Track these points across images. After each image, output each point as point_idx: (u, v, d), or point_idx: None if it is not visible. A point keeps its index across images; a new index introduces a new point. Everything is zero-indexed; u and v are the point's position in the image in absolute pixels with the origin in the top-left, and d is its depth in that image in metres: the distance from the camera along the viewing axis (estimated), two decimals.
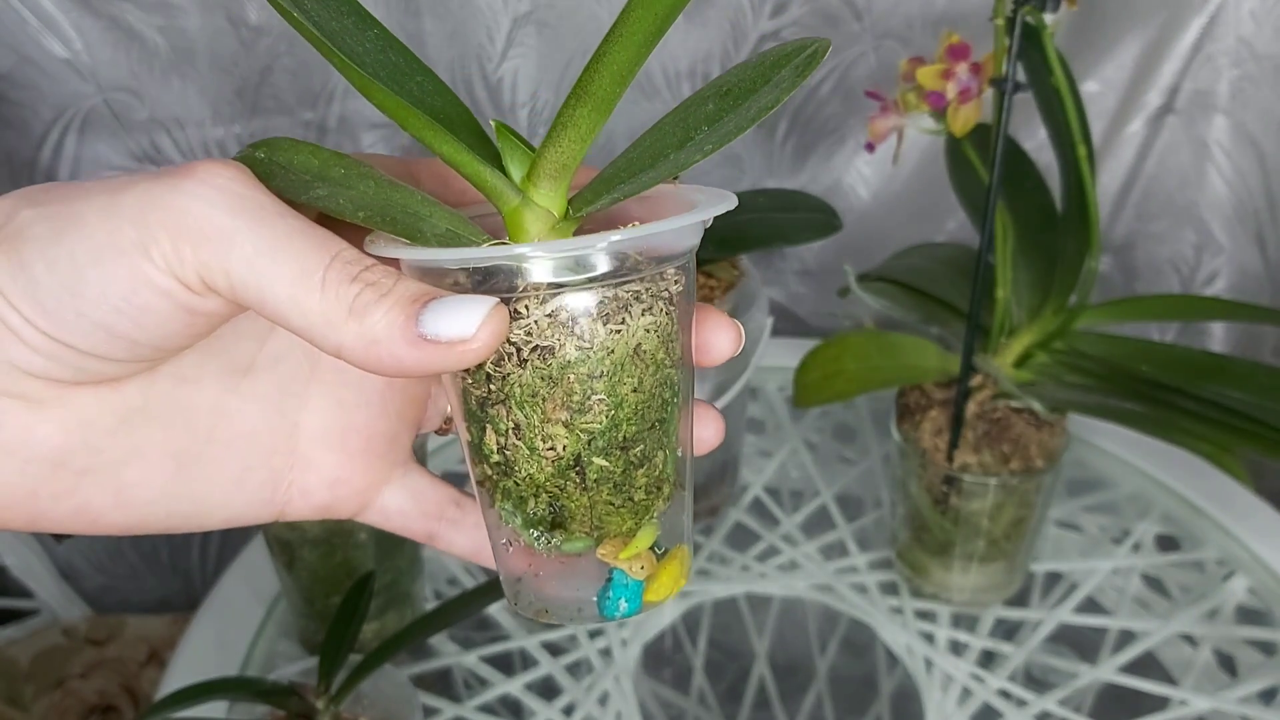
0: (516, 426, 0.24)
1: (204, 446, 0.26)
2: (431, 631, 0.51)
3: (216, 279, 0.21)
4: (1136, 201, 0.86)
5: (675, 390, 0.25)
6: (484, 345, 0.22)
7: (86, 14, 0.76)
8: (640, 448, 0.25)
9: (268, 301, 0.22)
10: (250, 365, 0.26)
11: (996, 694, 0.57)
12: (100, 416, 0.24)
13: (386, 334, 0.21)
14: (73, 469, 0.24)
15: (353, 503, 0.28)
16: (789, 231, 0.60)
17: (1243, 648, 0.60)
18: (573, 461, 0.24)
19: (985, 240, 0.54)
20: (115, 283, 0.21)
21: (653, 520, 0.26)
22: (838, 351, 0.62)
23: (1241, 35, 0.76)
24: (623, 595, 0.26)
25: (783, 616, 0.69)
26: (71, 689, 0.83)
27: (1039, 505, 0.59)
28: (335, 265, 0.22)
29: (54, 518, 0.24)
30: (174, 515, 0.26)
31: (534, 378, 0.24)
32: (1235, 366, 0.57)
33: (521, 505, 0.25)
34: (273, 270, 0.21)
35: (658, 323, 0.24)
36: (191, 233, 0.21)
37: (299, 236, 0.22)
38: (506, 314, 0.22)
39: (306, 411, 0.27)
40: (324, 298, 0.22)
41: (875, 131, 0.55)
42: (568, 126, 0.23)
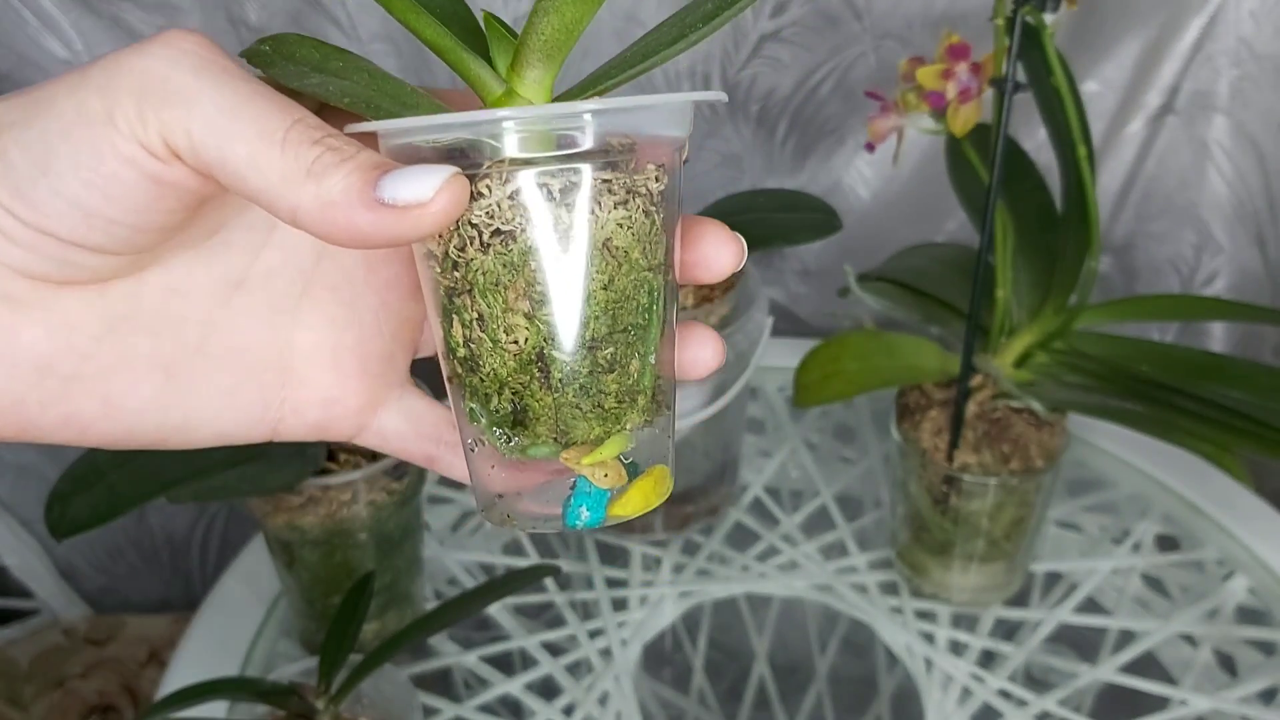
0: (480, 317, 0.24)
1: (193, 358, 0.26)
2: (431, 631, 0.51)
3: (178, 139, 0.21)
4: (1136, 201, 0.86)
5: (654, 297, 0.24)
6: (440, 211, 0.21)
7: (87, 14, 0.76)
8: (610, 350, 0.24)
9: (228, 161, 0.21)
10: (242, 280, 0.26)
11: (996, 694, 0.57)
12: (86, 322, 0.24)
13: (344, 196, 0.21)
14: (59, 375, 0.24)
15: (347, 423, 0.28)
16: (789, 231, 0.60)
17: (1243, 648, 0.60)
18: (535, 355, 0.24)
19: (985, 240, 0.54)
20: (83, 153, 0.21)
21: (624, 431, 0.25)
22: (838, 351, 0.62)
23: (1241, 35, 0.76)
24: (584, 503, 0.25)
25: (783, 616, 0.69)
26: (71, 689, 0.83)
27: (1039, 505, 0.59)
28: (297, 128, 0.21)
29: (43, 425, 0.24)
30: (163, 427, 0.26)
31: (496, 264, 0.23)
32: (1235, 366, 0.57)
33: (486, 403, 0.25)
34: (233, 129, 0.21)
35: (632, 219, 0.24)
36: (154, 93, 0.21)
37: (261, 99, 0.22)
38: (466, 184, 0.22)
39: (299, 329, 0.27)
40: (284, 157, 0.21)
41: (875, 131, 0.55)
42: (550, 12, 0.22)
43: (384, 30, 0.81)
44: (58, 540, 0.47)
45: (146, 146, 0.21)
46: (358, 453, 0.55)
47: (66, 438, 0.25)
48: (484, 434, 0.25)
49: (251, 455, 0.51)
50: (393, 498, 0.54)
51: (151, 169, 0.22)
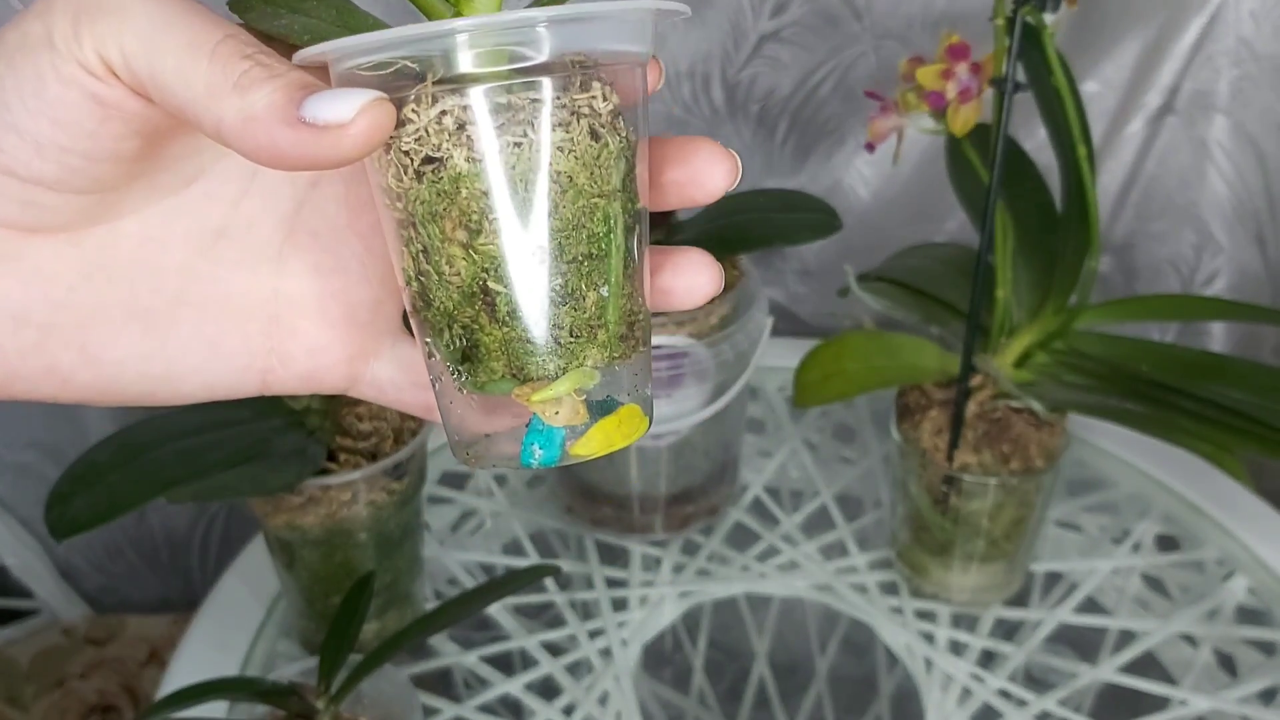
0: (424, 250, 0.23)
1: (174, 308, 0.25)
2: (431, 631, 0.51)
3: (112, 55, 0.21)
4: (1136, 201, 0.86)
5: (610, 224, 0.23)
6: (361, 134, 0.21)
7: None
8: (559, 281, 0.23)
9: (156, 73, 0.21)
10: (222, 229, 0.26)
11: (996, 694, 0.57)
12: (60, 271, 0.24)
13: (266, 112, 0.21)
14: (35, 324, 0.24)
15: (338, 373, 0.28)
16: (789, 231, 0.60)
17: (1242, 648, 0.60)
18: (479, 288, 0.23)
19: (985, 240, 0.54)
20: (26, 80, 0.21)
21: (583, 367, 0.24)
22: (838, 351, 0.62)
23: (1241, 35, 0.76)
24: (536, 441, 0.24)
25: (783, 616, 0.69)
26: (71, 689, 0.83)
27: (1039, 505, 0.59)
28: (228, 42, 0.21)
29: (25, 376, 0.24)
30: (146, 377, 0.25)
31: (429, 192, 0.22)
32: (1235, 366, 0.57)
33: (439, 337, 0.24)
34: (164, 41, 0.21)
35: (574, 141, 0.22)
36: (89, 8, 0.21)
37: (196, 15, 0.21)
38: (389, 107, 0.21)
39: (283, 277, 0.27)
40: (210, 68, 0.21)
41: (875, 131, 0.55)
42: None
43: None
44: (58, 540, 0.47)
45: (83, 64, 0.21)
46: (358, 453, 0.55)
47: (50, 389, 0.25)
48: (443, 370, 0.25)
49: (251, 455, 0.51)
50: (393, 498, 0.55)
51: (91, 87, 0.21)
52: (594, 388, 0.24)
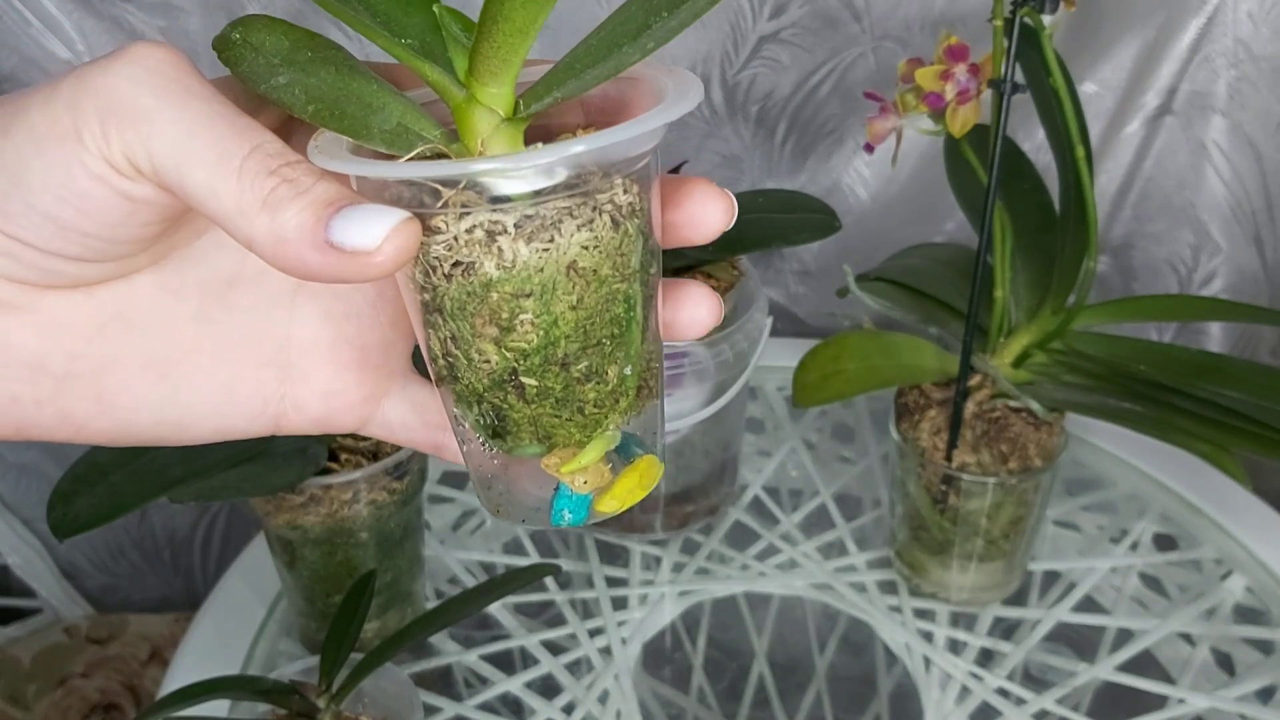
0: (453, 336, 0.24)
1: (188, 356, 0.26)
2: (432, 630, 0.51)
3: (140, 160, 0.21)
4: (1134, 202, 0.86)
5: (630, 305, 0.24)
6: (388, 260, 0.21)
7: (89, 15, 0.77)
8: (585, 364, 0.24)
9: (186, 184, 0.21)
10: (235, 277, 0.26)
11: (995, 692, 0.57)
12: (76, 322, 0.24)
13: (295, 234, 0.21)
14: (51, 374, 0.24)
15: (351, 415, 0.28)
16: (788, 232, 0.60)
17: (1240, 646, 0.60)
18: (508, 376, 0.24)
19: (984, 241, 0.54)
20: (54, 169, 0.21)
21: (605, 433, 0.25)
22: (837, 351, 0.63)
23: (1239, 36, 0.76)
24: (566, 506, 0.25)
25: (782, 615, 0.70)
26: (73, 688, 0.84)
27: (1037, 504, 0.59)
28: (255, 155, 0.21)
29: (40, 423, 0.24)
30: (161, 424, 0.26)
31: (460, 292, 0.23)
32: (1233, 366, 0.57)
33: (469, 410, 0.25)
34: (192, 153, 0.21)
35: (599, 239, 0.23)
36: (117, 112, 0.21)
37: (222, 121, 0.22)
38: (417, 229, 0.21)
39: (295, 323, 0.27)
40: (240, 186, 0.21)
41: (874, 132, 0.55)
42: (499, 20, 0.21)
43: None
44: (60, 540, 0.47)
45: (113, 164, 0.21)
46: (359, 452, 0.55)
47: (65, 435, 0.25)
48: (471, 436, 0.25)
49: (253, 455, 0.52)
50: (394, 497, 0.55)
51: (120, 186, 0.22)
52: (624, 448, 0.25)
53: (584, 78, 0.22)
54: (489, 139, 0.23)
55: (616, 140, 0.21)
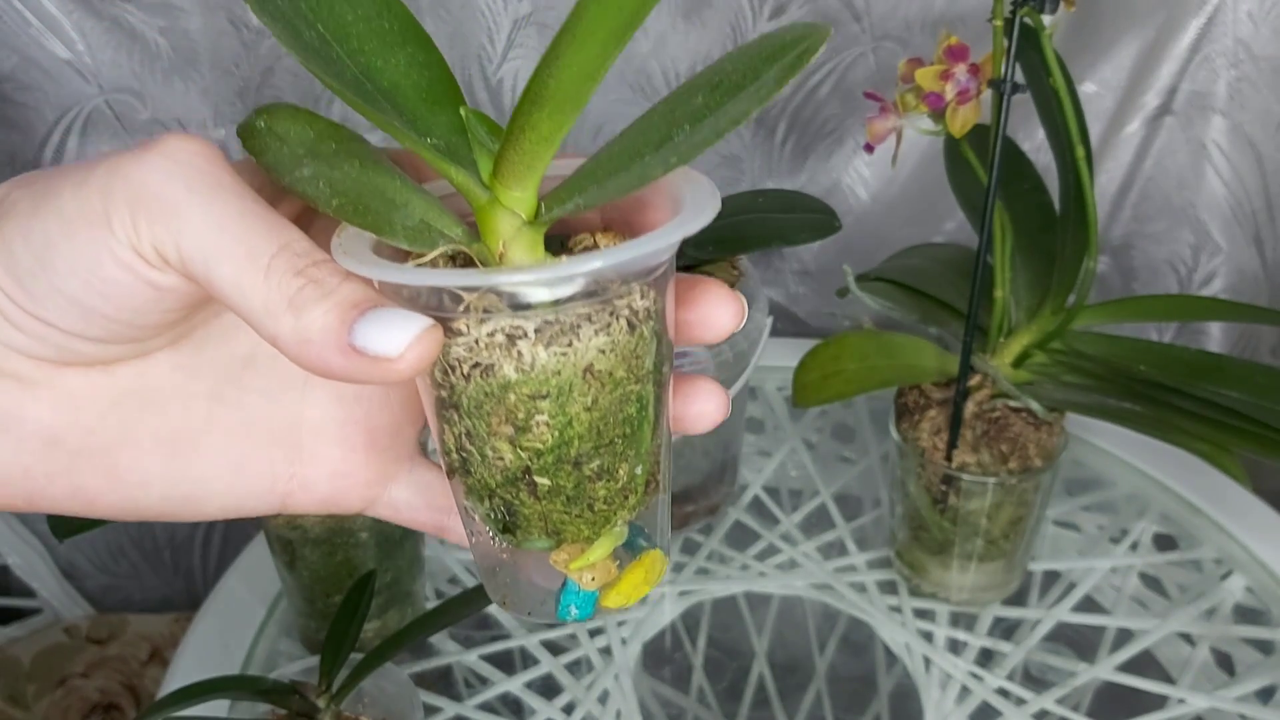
0: (468, 433, 0.24)
1: (201, 434, 0.26)
2: (432, 630, 0.51)
3: (168, 252, 0.21)
4: (1134, 202, 0.86)
5: (643, 404, 0.24)
6: (409, 366, 0.22)
7: (89, 15, 0.77)
8: (597, 463, 0.24)
9: (214, 280, 0.22)
10: (250, 358, 0.26)
11: (995, 692, 0.57)
12: (92, 399, 0.24)
13: (320, 336, 0.21)
14: (66, 449, 0.24)
15: (357, 496, 0.28)
16: (788, 232, 0.60)
17: (1240, 646, 0.60)
18: (521, 474, 0.24)
19: (984, 241, 0.54)
20: (82, 255, 0.22)
21: (614, 529, 0.25)
22: (837, 351, 0.63)
23: (1239, 36, 0.76)
24: (573, 602, 0.26)
25: (782, 615, 0.70)
26: (73, 688, 0.84)
27: (1037, 504, 0.59)
28: (282, 255, 0.22)
29: (51, 496, 0.24)
30: (170, 500, 0.26)
31: (477, 393, 0.23)
32: (1233, 366, 0.57)
33: (480, 503, 0.25)
34: (221, 249, 0.21)
35: (615, 342, 0.23)
36: (147, 204, 0.21)
37: (251, 218, 0.22)
38: (439, 336, 0.22)
39: (307, 404, 0.27)
40: (267, 285, 0.21)
41: (874, 132, 0.55)
42: (525, 130, 0.22)
43: None
44: (60, 539, 0.47)
45: (141, 254, 0.22)
46: None
47: (75, 508, 0.25)
48: (480, 528, 0.26)
49: None
50: None
51: (147, 275, 0.22)
52: (631, 544, 0.26)
53: (606, 187, 0.23)
54: (510, 241, 0.24)
55: (637, 255, 0.22)
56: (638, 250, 0.22)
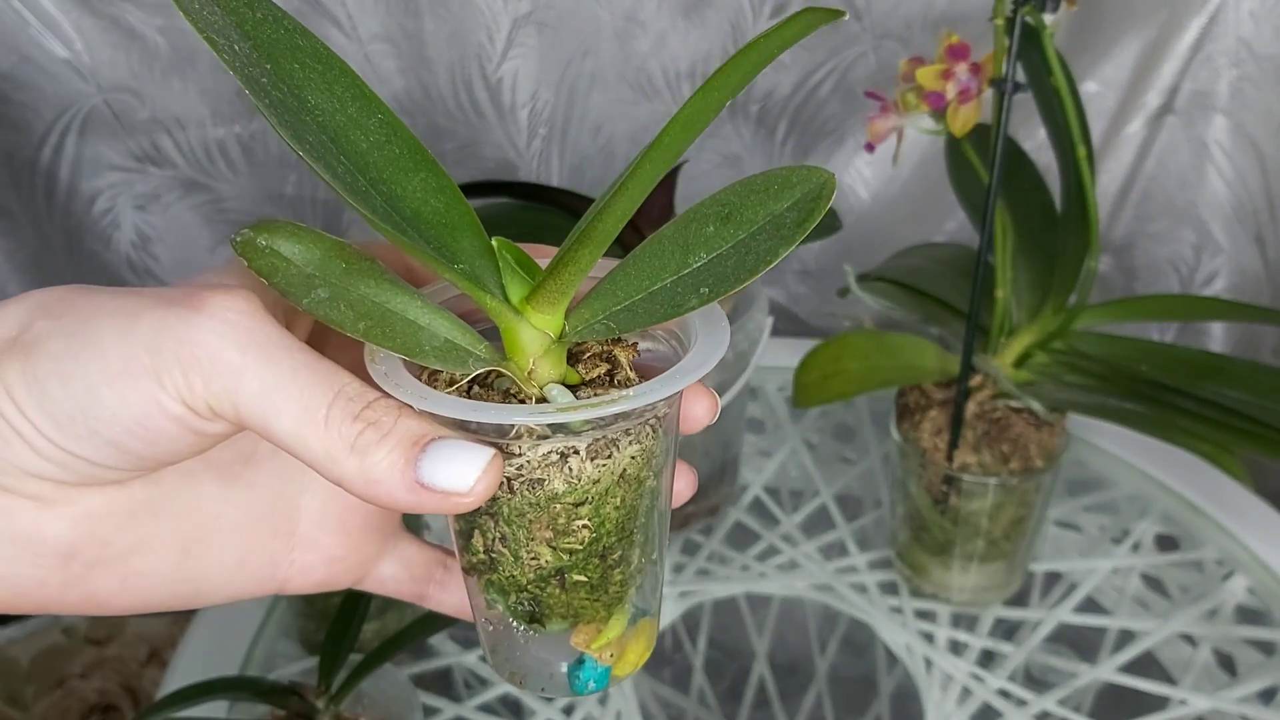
0: (503, 538, 0.25)
1: (208, 533, 0.27)
2: (431, 631, 0.51)
3: (225, 409, 0.22)
4: (1136, 202, 0.86)
5: (655, 495, 0.27)
6: (478, 498, 0.23)
7: (87, 14, 0.76)
8: (618, 553, 0.26)
9: (274, 433, 0.23)
10: (252, 455, 0.27)
11: (996, 693, 0.57)
12: (108, 513, 0.25)
13: (386, 476, 0.23)
14: (81, 561, 0.25)
15: (349, 576, 0.30)
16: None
17: (1242, 647, 0.60)
18: (554, 573, 0.26)
19: (985, 240, 0.54)
20: (129, 407, 0.22)
21: (624, 607, 0.27)
22: (837, 351, 0.62)
23: (1241, 36, 0.76)
24: (591, 678, 0.27)
25: (782, 616, 0.69)
26: (72, 688, 0.83)
27: (1038, 505, 0.59)
28: (338, 403, 0.23)
29: (63, 602, 0.25)
30: (177, 596, 0.27)
31: (522, 504, 0.25)
32: (1234, 366, 0.57)
33: (504, 597, 0.27)
34: (279, 406, 0.22)
35: (644, 449, 0.26)
36: (203, 365, 0.22)
37: (305, 371, 0.23)
38: (501, 465, 0.24)
39: (306, 495, 0.28)
40: (327, 434, 0.23)
41: (875, 132, 0.55)
42: (569, 264, 0.24)
43: (384, 30, 0.81)
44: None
45: (193, 408, 0.22)
46: None
47: (83, 611, 0.26)
48: (500, 617, 0.27)
49: None
50: None
51: (196, 425, 0.23)
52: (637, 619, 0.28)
53: (638, 314, 0.25)
54: (539, 360, 0.25)
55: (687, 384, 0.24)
56: (688, 380, 0.24)
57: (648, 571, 0.28)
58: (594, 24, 0.82)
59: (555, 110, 0.86)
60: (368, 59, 0.82)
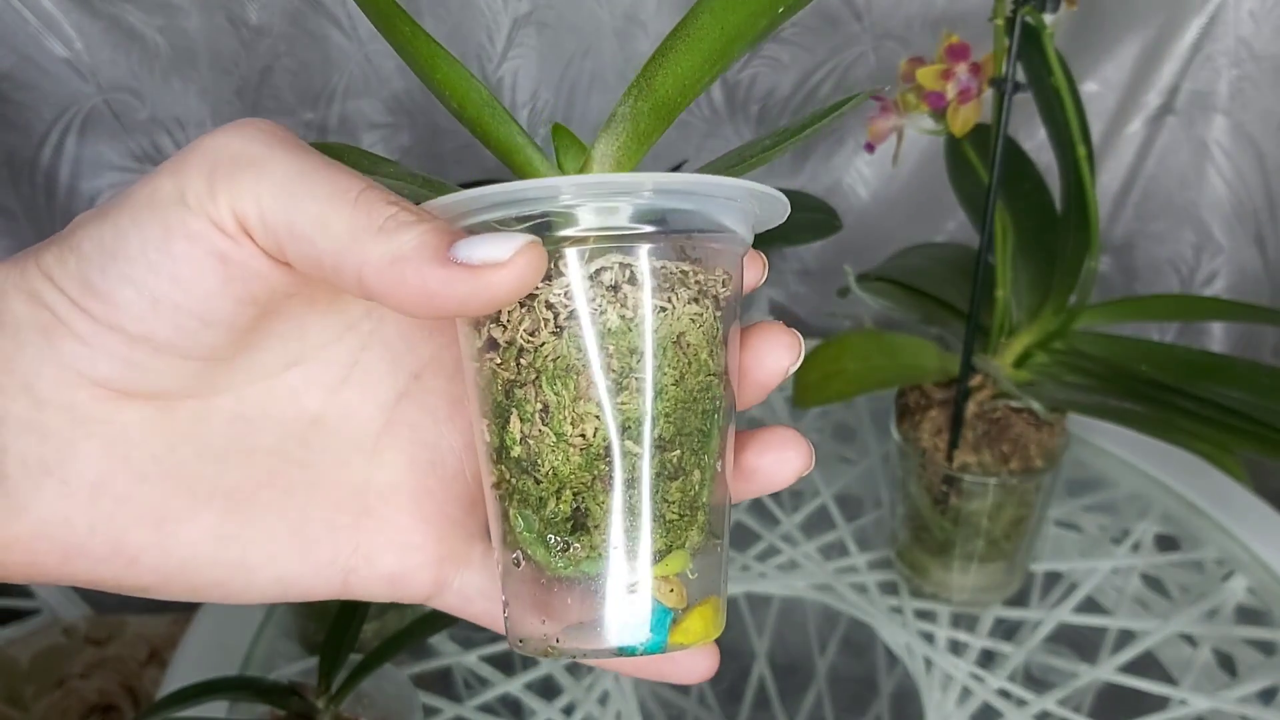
0: (545, 408, 0.22)
1: (259, 489, 0.24)
2: (432, 631, 0.51)
3: (248, 209, 0.21)
4: (1136, 202, 0.86)
5: (717, 404, 0.24)
6: (517, 275, 0.20)
7: (87, 14, 0.76)
8: (676, 454, 0.23)
9: (295, 223, 0.21)
10: (319, 416, 0.25)
11: (996, 694, 0.57)
12: (146, 439, 0.23)
13: (416, 252, 0.20)
14: (112, 494, 0.22)
15: (425, 576, 0.26)
16: (789, 231, 0.60)
17: (1242, 647, 0.60)
18: (603, 450, 0.22)
19: (985, 240, 0.54)
20: (151, 234, 0.21)
21: (684, 549, 0.23)
22: (837, 351, 0.62)
23: (1241, 35, 0.76)
24: (649, 618, 0.23)
25: (782, 616, 0.69)
26: (72, 688, 0.83)
27: (1038, 505, 0.59)
28: (371, 190, 0.21)
29: (89, 552, 0.22)
30: (219, 564, 0.24)
31: (569, 347, 0.22)
32: (1235, 366, 0.57)
33: (541, 508, 0.23)
34: (304, 190, 0.21)
35: (703, 316, 0.23)
36: (225, 164, 0.21)
37: (335, 168, 0.21)
38: (544, 252, 0.21)
39: (376, 468, 0.26)
40: (354, 213, 0.20)
41: (875, 132, 0.55)
42: (627, 119, 0.22)
43: None
44: None
45: (215, 221, 0.21)
46: None
47: (112, 573, 0.23)
48: (532, 547, 0.23)
49: None
50: None
51: (220, 245, 0.21)
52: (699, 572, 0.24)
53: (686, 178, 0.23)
54: None
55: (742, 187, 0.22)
56: (741, 183, 0.22)
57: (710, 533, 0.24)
58: (594, 24, 0.82)
59: (555, 110, 0.86)
60: (368, 59, 0.82)
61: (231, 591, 0.24)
